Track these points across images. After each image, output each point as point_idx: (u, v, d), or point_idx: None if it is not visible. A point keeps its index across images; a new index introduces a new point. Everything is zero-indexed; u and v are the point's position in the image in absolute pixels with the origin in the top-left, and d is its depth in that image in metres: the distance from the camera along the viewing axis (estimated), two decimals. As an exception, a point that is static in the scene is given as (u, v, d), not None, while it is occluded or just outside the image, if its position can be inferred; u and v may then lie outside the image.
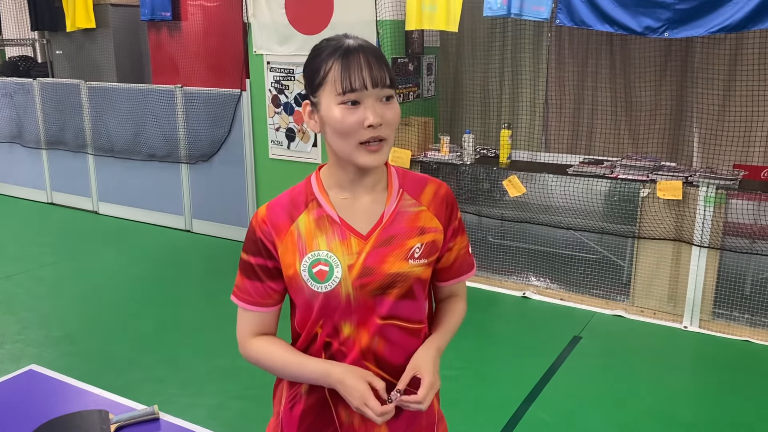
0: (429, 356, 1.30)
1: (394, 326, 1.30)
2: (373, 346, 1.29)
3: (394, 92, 1.24)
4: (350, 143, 1.22)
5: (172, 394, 3.24)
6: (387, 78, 1.21)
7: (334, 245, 1.27)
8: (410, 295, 1.29)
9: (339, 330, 1.29)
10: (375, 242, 1.27)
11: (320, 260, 1.26)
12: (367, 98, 1.20)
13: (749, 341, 3.81)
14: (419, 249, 1.29)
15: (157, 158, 6.03)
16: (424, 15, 4.47)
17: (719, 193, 3.80)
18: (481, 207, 4.71)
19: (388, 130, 1.23)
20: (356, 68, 1.19)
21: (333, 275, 1.25)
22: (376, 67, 1.20)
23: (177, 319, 4.20)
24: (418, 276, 1.29)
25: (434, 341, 1.35)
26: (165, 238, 5.90)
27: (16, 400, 1.96)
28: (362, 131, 1.20)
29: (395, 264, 1.27)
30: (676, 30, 3.72)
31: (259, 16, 5.22)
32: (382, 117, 1.21)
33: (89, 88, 6.35)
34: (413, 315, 1.32)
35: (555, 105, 5.02)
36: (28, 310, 4.32)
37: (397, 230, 1.29)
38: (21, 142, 7.03)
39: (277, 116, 5.32)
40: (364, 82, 1.19)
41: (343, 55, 1.20)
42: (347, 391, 1.25)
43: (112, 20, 6.52)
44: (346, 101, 1.20)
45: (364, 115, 1.20)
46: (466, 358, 3.60)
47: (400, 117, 1.26)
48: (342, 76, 1.19)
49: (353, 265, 1.26)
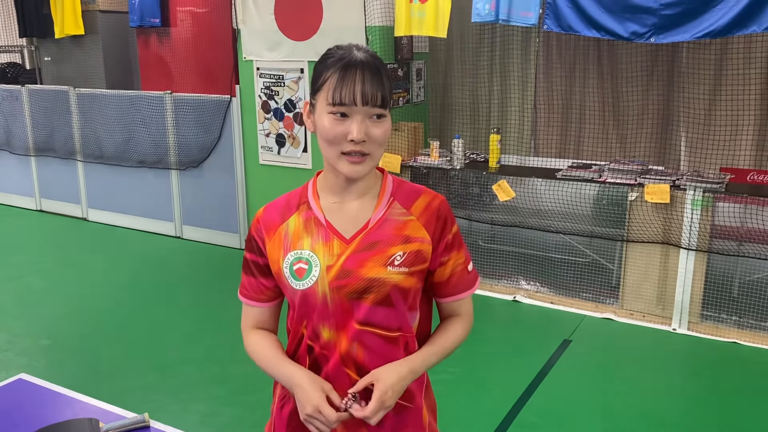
0: (394, 372, 1.28)
1: (371, 333, 1.30)
2: (353, 352, 1.30)
3: (387, 111, 1.26)
4: (334, 151, 1.26)
5: (162, 401, 3.23)
6: (379, 97, 1.23)
7: (317, 246, 1.30)
8: (387, 302, 1.29)
9: (319, 333, 1.31)
10: (357, 246, 1.29)
11: (302, 258, 1.31)
12: (356, 113, 1.23)
13: (737, 343, 3.85)
14: (401, 257, 1.29)
15: (147, 164, 6.02)
16: (413, 21, 4.49)
17: (706, 197, 3.84)
18: (471, 211, 4.73)
19: (373, 147, 1.26)
20: (350, 83, 1.22)
21: (311, 274, 1.29)
22: (370, 85, 1.22)
23: (167, 325, 4.18)
24: (396, 283, 1.29)
25: (410, 361, 1.32)
26: (155, 244, 5.88)
27: (4, 409, 1.95)
28: (345, 143, 1.24)
29: (373, 269, 1.28)
30: (662, 35, 3.76)
31: (248, 22, 5.23)
32: (368, 134, 1.24)
33: (78, 94, 6.33)
34: (390, 323, 1.31)
35: (544, 110, 5.05)
36: (16, 318, 4.29)
37: (381, 236, 1.30)
38: (9, 149, 6.99)
39: (267, 122, 5.33)
40: (354, 98, 1.22)
41: (342, 67, 1.23)
42: (304, 396, 1.27)
43: (101, 26, 6.51)
44: (336, 112, 1.23)
45: (349, 129, 1.23)
46: (457, 362, 3.60)
47: (389, 134, 1.29)
48: (335, 88, 1.23)
49: (332, 266, 1.28)
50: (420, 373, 1.34)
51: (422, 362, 1.34)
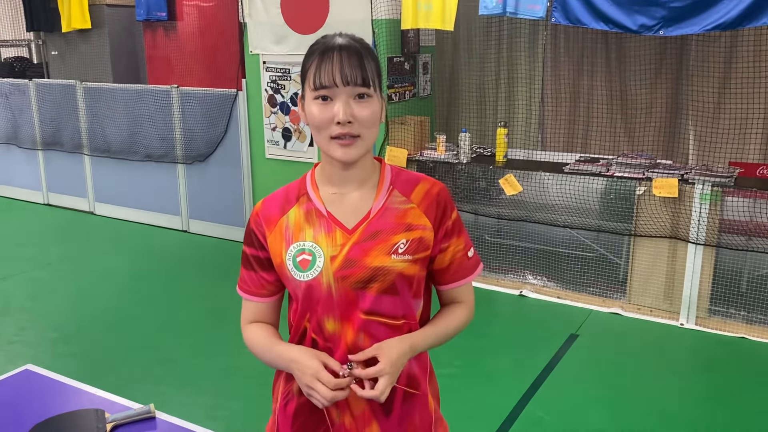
0: (395, 347, 1.28)
1: (377, 323, 1.30)
2: (359, 343, 1.29)
3: (373, 91, 1.26)
4: (323, 137, 1.27)
5: (169, 394, 3.24)
6: (359, 77, 1.23)
7: (320, 237, 1.30)
8: (392, 290, 1.29)
9: (323, 326, 1.30)
10: (360, 236, 1.29)
11: (304, 250, 1.30)
12: (339, 95, 1.24)
13: (745, 338, 3.83)
14: (404, 245, 1.29)
15: (154, 158, 6.03)
16: (420, 14, 4.47)
17: (714, 191, 3.81)
18: (477, 205, 4.71)
19: (362, 128, 1.26)
20: (328, 66, 1.23)
21: (315, 264, 1.29)
22: (349, 65, 1.23)
23: (174, 319, 4.20)
24: (400, 271, 1.29)
25: (411, 337, 1.32)
26: (162, 238, 5.89)
27: (11, 399, 1.96)
28: (333, 127, 1.25)
29: (377, 258, 1.28)
30: (670, 28, 3.73)
31: (254, 16, 5.22)
32: (354, 115, 1.24)
33: (85, 88, 6.34)
34: (396, 311, 1.31)
35: (551, 103, 5.03)
36: (24, 311, 4.31)
37: (384, 225, 1.30)
38: (17, 143, 7.02)
39: (274, 116, 5.32)
40: (333, 79, 1.23)
41: (321, 52, 1.25)
42: (300, 368, 1.27)
43: (108, 20, 6.51)
44: (318, 96, 1.25)
45: (334, 111, 1.24)
46: (464, 356, 3.60)
47: (378, 115, 1.28)
48: (315, 73, 1.24)
49: (336, 257, 1.28)
50: (419, 350, 1.34)
51: (422, 339, 1.34)
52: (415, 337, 1.33)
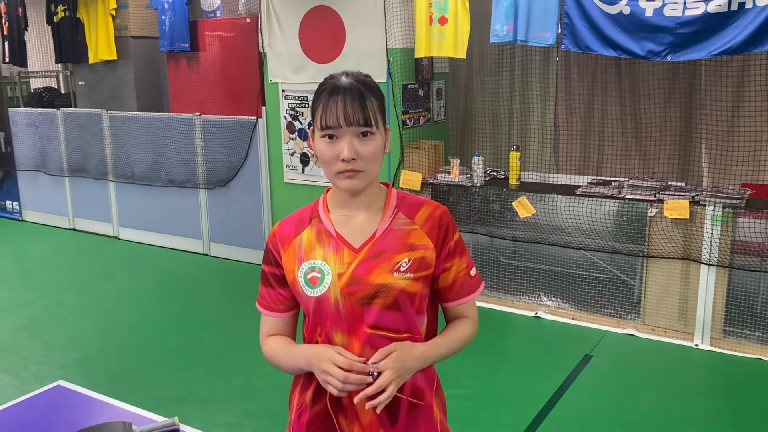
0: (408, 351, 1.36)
1: (382, 336, 1.39)
2: (365, 355, 1.38)
3: (375, 128, 1.37)
4: (331, 171, 1.40)
5: (191, 413, 3.32)
6: (361, 118, 1.35)
7: (329, 256, 1.41)
8: (395, 306, 1.39)
9: (332, 339, 1.40)
10: (366, 255, 1.40)
11: (314, 267, 1.41)
12: (344, 134, 1.36)
13: (761, 359, 3.83)
14: (406, 263, 1.39)
15: (176, 184, 6.19)
16: (433, 43, 4.60)
17: (726, 212, 3.85)
18: (492, 228, 4.78)
19: (365, 164, 1.37)
20: (333, 108, 1.35)
21: (324, 281, 1.39)
22: (353, 108, 1.35)
23: (195, 341, 4.29)
24: (402, 288, 1.38)
25: (422, 345, 1.41)
26: (184, 261, 6.03)
27: (45, 413, 2.06)
28: (338, 163, 1.37)
29: (381, 275, 1.38)
30: (678, 53, 3.81)
31: (274, 46, 5.40)
32: (358, 152, 1.36)
33: (110, 117, 6.55)
34: (399, 325, 1.40)
35: (564, 127, 5.10)
36: (51, 333, 4.44)
37: (388, 245, 1.41)
38: (45, 170, 7.24)
39: (292, 142, 5.47)
40: (338, 121, 1.35)
41: (327, 94, 1.37)
42: (318, 356, 1.36)
43: (133, 52, 6.74)
44: (325, 135, 1.37)
45: (339, 149, 1.36)
46: (478, 376, 3.65)
47: (380, 150, 1.40)
48: (322, 114, 1.37)
49: (343, 274, 1.38)
50: (429, 359, 1.42)
51: (432, 348, 1.43)
52: (427, 346, 1.42)
